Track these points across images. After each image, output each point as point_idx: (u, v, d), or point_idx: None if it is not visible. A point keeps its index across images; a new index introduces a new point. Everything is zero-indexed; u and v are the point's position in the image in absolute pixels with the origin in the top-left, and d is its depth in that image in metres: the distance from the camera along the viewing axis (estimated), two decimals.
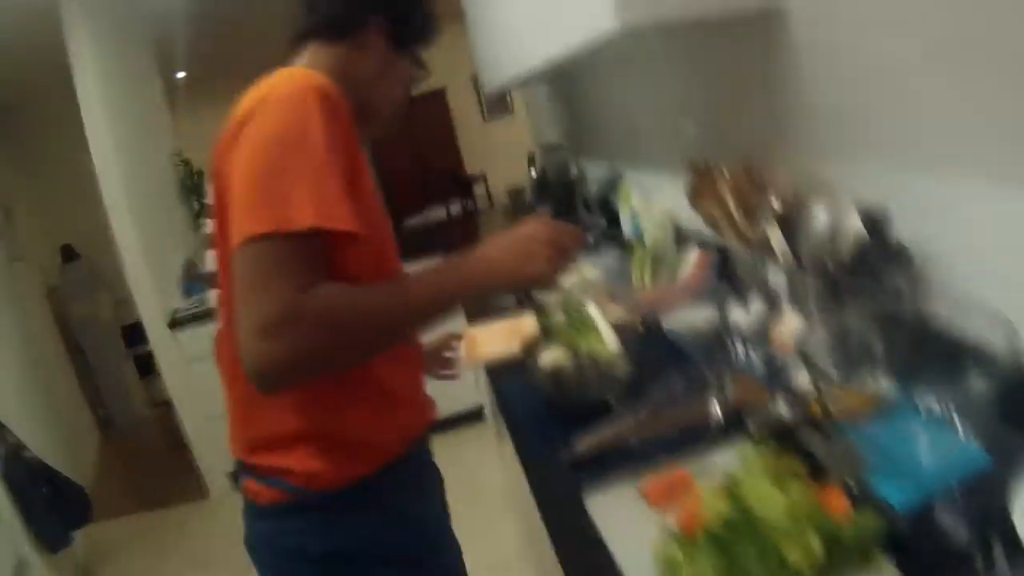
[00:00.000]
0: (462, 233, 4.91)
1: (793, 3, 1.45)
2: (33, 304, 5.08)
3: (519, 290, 1.26)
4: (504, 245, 1.18)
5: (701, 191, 1.71)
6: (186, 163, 5.08)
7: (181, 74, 7.10)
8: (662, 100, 2.22)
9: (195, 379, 3.92)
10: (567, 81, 3.24)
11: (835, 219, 1.35)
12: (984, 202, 1.12)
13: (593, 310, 1.54)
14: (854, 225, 1.32)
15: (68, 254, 5.97)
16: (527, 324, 1.72)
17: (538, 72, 2.28)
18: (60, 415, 4.64)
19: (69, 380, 5.25)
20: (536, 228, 1.19)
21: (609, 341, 1.45)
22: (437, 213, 6.31)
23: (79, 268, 5.94)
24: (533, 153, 4.09)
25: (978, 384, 1.09)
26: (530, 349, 1.54)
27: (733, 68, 1.75)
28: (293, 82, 1.09)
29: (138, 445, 5.55)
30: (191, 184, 5.01)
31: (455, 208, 6.69)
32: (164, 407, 4.90)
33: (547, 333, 1.57)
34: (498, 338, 1.87)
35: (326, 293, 1.01)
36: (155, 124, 4.98)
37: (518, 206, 4.29)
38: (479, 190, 8.81)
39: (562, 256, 1.19)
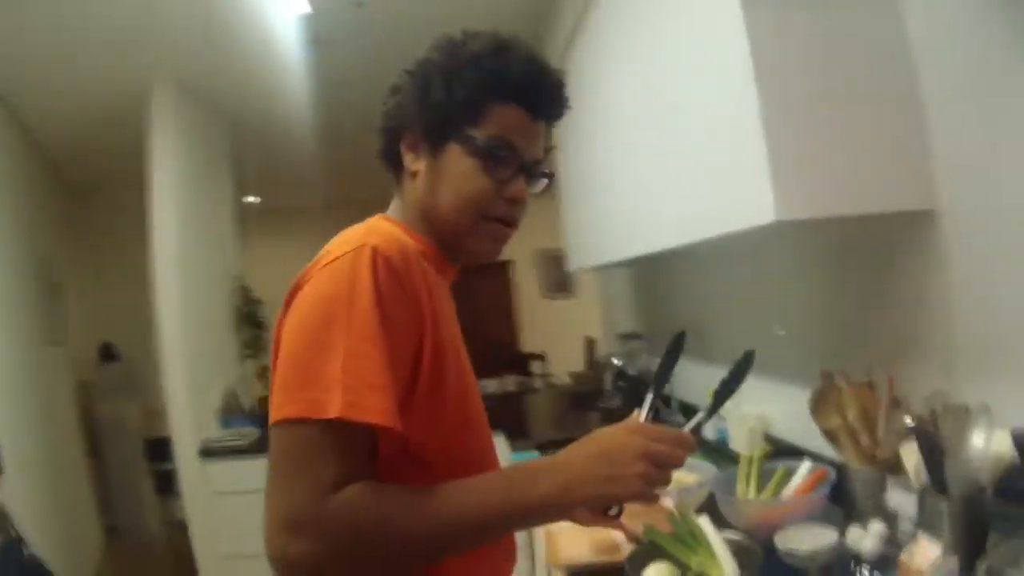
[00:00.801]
0: (515, 411, 4.80)
1: (953, 205, 1.43)
2: (61, 393, 4.95)
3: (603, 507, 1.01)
4: (591, 453, 0.98)
5: (823, 402, 1.62)
6: (245, 289, 5.06)
7: (254, 199, 7.20)
8: (774, 298, 2.17)
9: (218, 513, 3.76)
10: (653, 267, 3.21)
11: (982, 441, 1.25)
12: None
13: (705, 524, 1.43)
14: (1005, 449, 1.23)
15: (107, 353, 5.89)
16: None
17: (637, 255, 2.26)
18: (67, 514, 4.44)
19: (82, 481, 5.06)
20: (631, 435, 0.98)
21: (725, 562, 1.33)
22: (491, 386, 6.22)
23: (115, 369, 5.85)
24: (594, 338, 4.04)
25: None
26: (635, 562, 1.42)
27: (867, 274, 1.70)
28: (348, 242, 1.00)
29: (143, 562, 5.28)
30: (247, 312, 4.98)
31: (510, 384, 6.62)
32: (177, 528, 4.64)
33: (651, 543, 1.45)
34: (585, 539, 1.74)
35: (358, 495, 0.90)
36: (221, 242, 4.97)
37: (581, 393, 4.21)
38: (537, 368, 8.75)
39: (661, 472, 0.97)
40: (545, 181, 1.16)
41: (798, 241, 1.97)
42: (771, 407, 2.11)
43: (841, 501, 1.63)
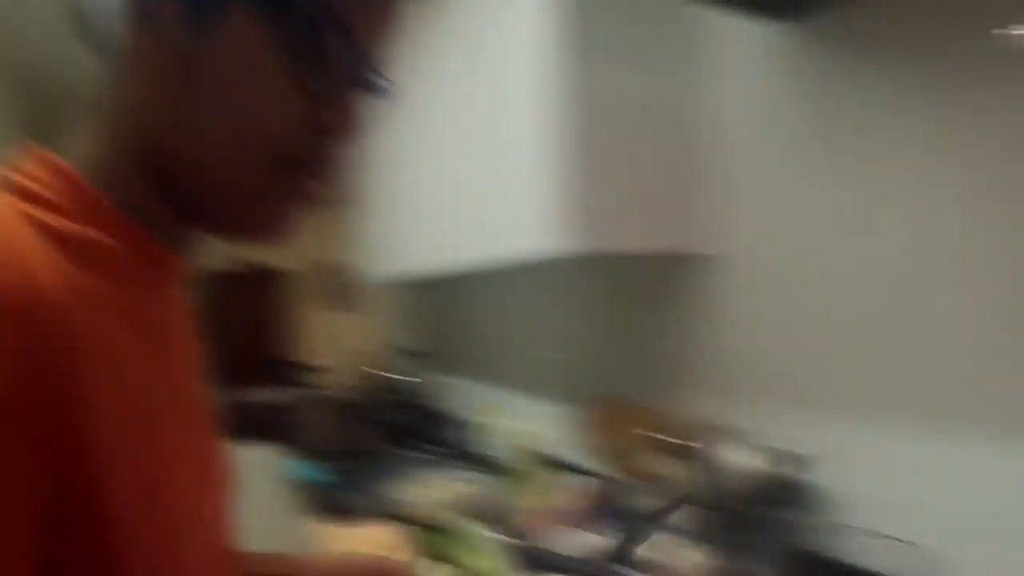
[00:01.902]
0: (287, 422, 4.67)
1: (732, 249, 1.57)
2: None
3: None
4: None
5: (592, 420, 1.72)
6: None
7: None
8: (551, 325, 2.26)
9: None
10: (445, 288, 3.25)
11: (740, 458, 1.38)
12: (903, 450, 1.25)
13: (481, 529, 1.47)
14: (760, 464, 1.36)
15: None
16: (384, 534, 1.61)
17: (429, 273, 2.29)
18: None
19: None
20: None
21: (500, 563, 1.38)
22: (261, 395, 5.97)
23: None
24: (374, 354, 4.01)
25: None
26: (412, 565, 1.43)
27: (648, 303, 1.84)
28: None
29: None
30: None
31: (282, 395, 6.42)
32: None
33: (423, 548, 1.47)
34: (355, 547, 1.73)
35: None
36: None
37: (357, 406, 4.16)
38: (308, 379, 8.56)
39: None
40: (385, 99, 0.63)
41: (586, 273, 2.09)
42: (546, 424, 2.20)
43: (608, 511, 1.73)
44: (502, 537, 1.56)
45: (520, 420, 2.27)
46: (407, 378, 3.46)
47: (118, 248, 0.56)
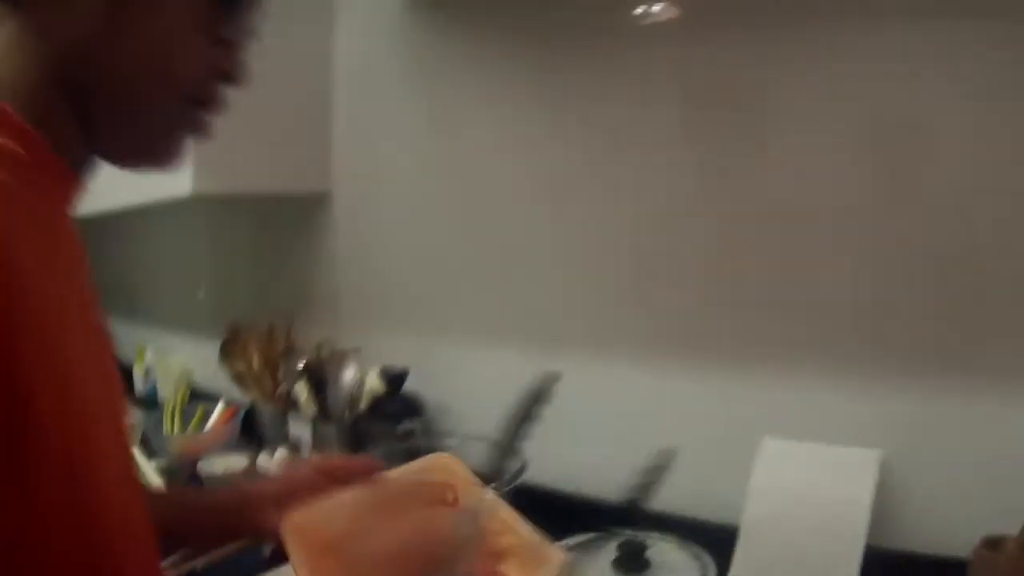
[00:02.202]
0: None
1: (339, 189, 1.80)
2: None
3: None
4: None
5: (230, 351, 1.90)
6: None
7: None
8: (193, 264, 2.37)
9: None
10: (93, 231, 3.14)
11: (357, 376, 1.65)
12: (485, 361, 1.57)
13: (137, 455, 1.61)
14: (375, 382, 1.64)
15: None
16: None
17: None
18: None
19: None
20: None
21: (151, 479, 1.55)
22: None
23: None
24: None
25: None
26: None
27: (278, 241, 2.02)
28: None
29: None
30: None
31: None
32: None
33: None
34: None
35: None
36: None
37: None
38: None
39: None
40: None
41: (223, 212, 2.22)
42: (193, 359, 2.33)
43: (252, 433, 1.94)
44: (157, 464, 1.72)
45: (173, 356, 2.38)
46: None
47: (23, 155, 0.57)
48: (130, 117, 0.65)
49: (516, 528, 0.87)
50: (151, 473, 1.63)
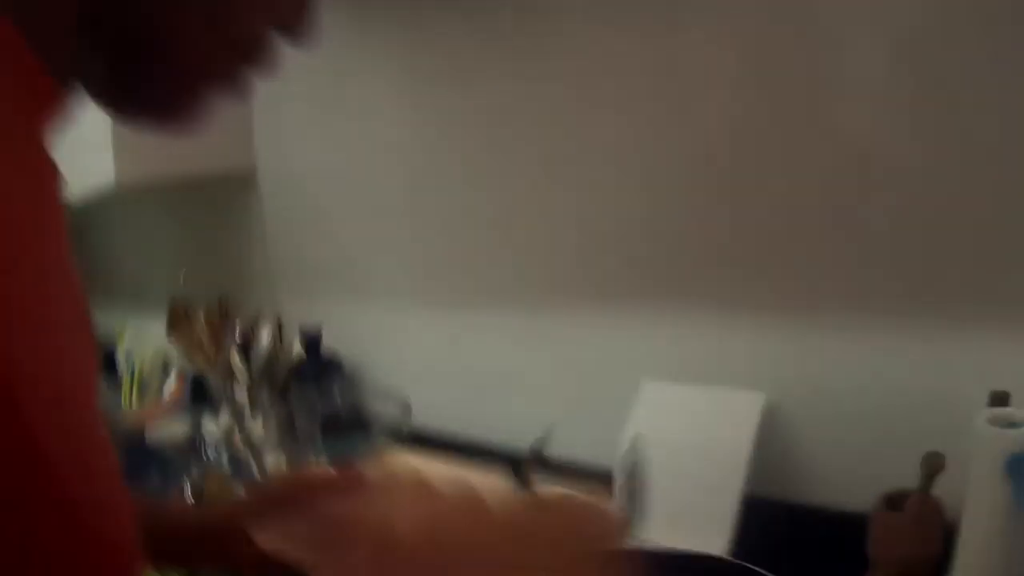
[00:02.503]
0: None
1: (263, 165, 1.91)
2: None
3: None
4: None
5: (175, 326, 2.04)
6: None
7: None
8: (155, 249, 2.52)
9: None
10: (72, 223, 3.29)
11: (280, 341, 1.78)
12: (402, 318, 1.68)
13: None
14: (295, 344, 1.78)
15: None
16: None
17: None
18: None
19: None
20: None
21: None
22: None
23: None
24: None
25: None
26: None
27: (214, 221, 2.15)
28: None
29: None
30: None
31: None
32: None
33: None
34: None
35: None
36: None
37: None
38: None
39: None
40: None
41: (163, 205, 2.34)
42: (152, 335, 2.47)
43: (202, 400, 2.09)
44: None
45: (136, 335, 2.54)
46: None
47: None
48: (150, 53, 0.48)
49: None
50: None
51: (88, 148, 1.67)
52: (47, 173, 0.46)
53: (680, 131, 1.18)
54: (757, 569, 0.84)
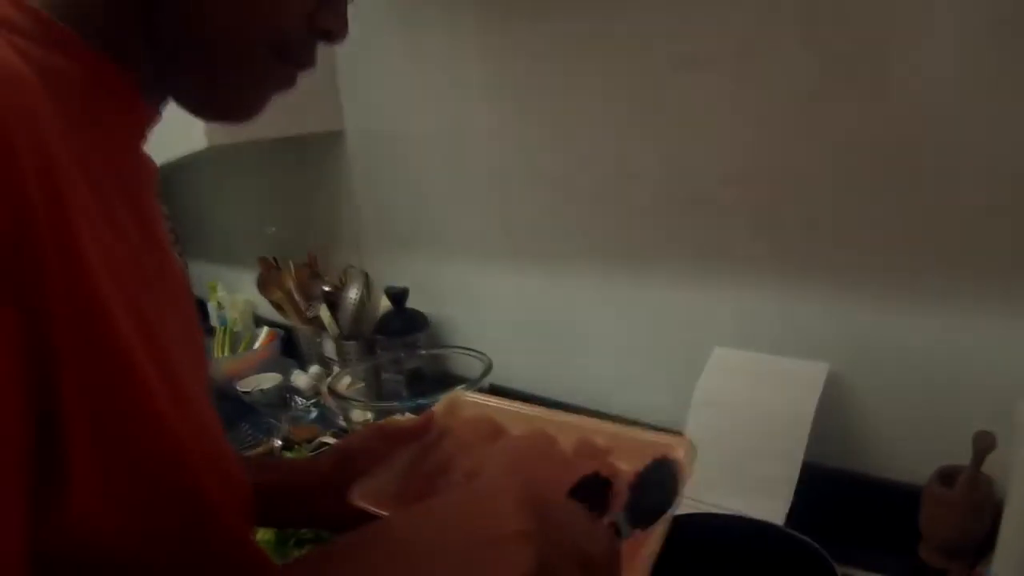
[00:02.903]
0: None
1: (350, 125, 1.93)
2: None
3: None
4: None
5: (267, 281, 2.09)
6: None
7: None
8: (247, 207, 2.58)
9: None
10: (167, 183, 3.39)
11: (367, 296, 1.81)
12: (484, 276, 1.69)
13: None
14: (382, 299, 1.80)
15: None
16: None
17: None
18: None
19: None
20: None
21: None
22: None
23: None
24: None
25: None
26: None
27: (303, 179, 2.18)
28: None
29: None
30: None
31: None
32: None
33: None
34: None
35: None
36: None
37: None
38: None
39: None
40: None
41: (252, 163, 2.40)
42: (247, 288, 2.55)
43: (293, 353, 2.14)
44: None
45: (231, 290, 2.62)
46: None
47: (89, 79, 0.52)
48: (206, 65, 0.58)
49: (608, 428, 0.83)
50: None
51: (181, 114, 1.72)
52: (139, 175, 0.61)
53: (756, 93, 1.15)
54: (805, 538, 0.82)
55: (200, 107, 0.62)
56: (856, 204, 1.07)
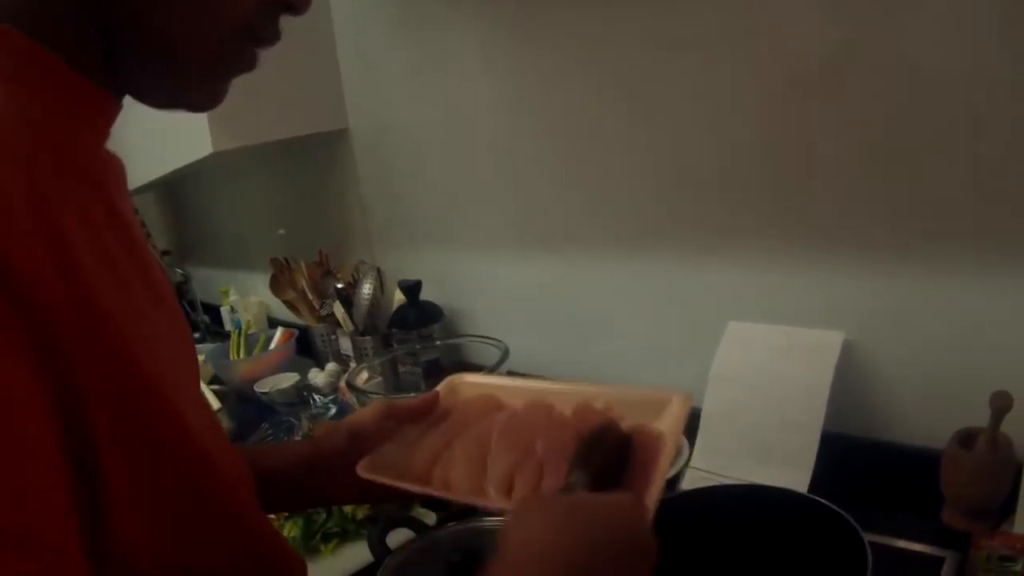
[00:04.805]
0: None
1: (355, 123, 1.93)
2: None
3: None
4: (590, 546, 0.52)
5: (280, 282, 2.10)
6: None
7: None
8: (256, 209, 2.59)
9: None
10: (174, 191, 3.41)
11: (381, 290, 1.82)
12: (497, 265, 1.69)
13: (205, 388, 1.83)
14: (395, 293, 1.81)
15: None
16: None
17: (146, 184, 2.49)
18: None
19: None
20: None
21: (211, 401, 1.76)
22: None
23: None
24: None
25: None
26: None
27: (310, 178, 2.20)
28: None
29: None
30: None
31: None
32: None
33: None
34: None
35: None
36: None
37: None
38: None
39: None
40: None
41: (261, 167, 2.41)
42: (260, 291, 2.56)
43: (309, 352, 2.16)
44: (219, 389, 1.96)
45: (244, 293, 2.64)
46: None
47: (42, 82, 0.51)
48: (164, 54, 0.55)
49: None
50: (208, 393, 1.85)
51: (185, 120, 1.72)
52: (116, 175, 0.58)
53: (767, 68, 1.14)
54: (830, 505, 0.83)
55: (153, 97, 0.60)
56: (867, 175, 1.07)
